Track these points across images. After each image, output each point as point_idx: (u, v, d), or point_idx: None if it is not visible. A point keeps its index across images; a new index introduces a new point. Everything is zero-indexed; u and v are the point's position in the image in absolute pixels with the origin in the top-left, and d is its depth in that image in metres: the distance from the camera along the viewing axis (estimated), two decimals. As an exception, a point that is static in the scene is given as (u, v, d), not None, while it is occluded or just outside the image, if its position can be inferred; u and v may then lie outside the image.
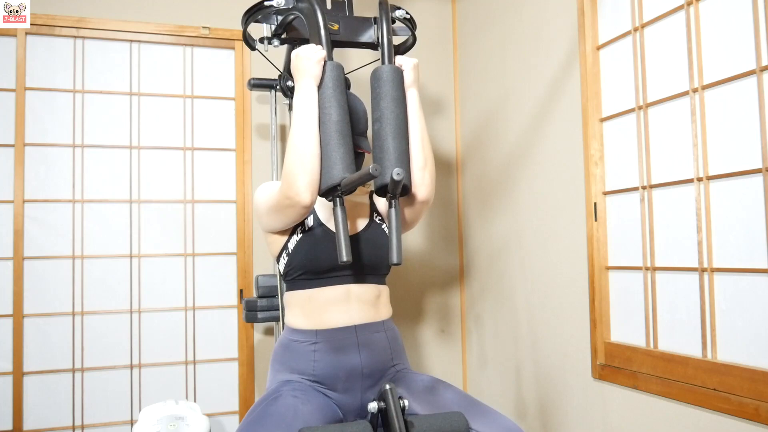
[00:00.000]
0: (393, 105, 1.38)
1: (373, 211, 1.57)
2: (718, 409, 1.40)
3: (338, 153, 1.28)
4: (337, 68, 1.36)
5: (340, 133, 1.30)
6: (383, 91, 1.39)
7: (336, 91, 1.33)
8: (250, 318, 2.22)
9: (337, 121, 1.30)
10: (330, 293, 1.45)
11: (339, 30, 1.66)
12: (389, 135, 1.35)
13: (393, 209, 1.31)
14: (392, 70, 1.41)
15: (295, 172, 1.29)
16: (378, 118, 1.38)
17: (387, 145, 1.34)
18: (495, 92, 2.45)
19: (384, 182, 1.31)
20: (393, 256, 1.27)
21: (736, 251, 1.39)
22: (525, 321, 2.23)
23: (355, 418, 1.46)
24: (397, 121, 1.37)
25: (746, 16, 1.36)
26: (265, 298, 2.21)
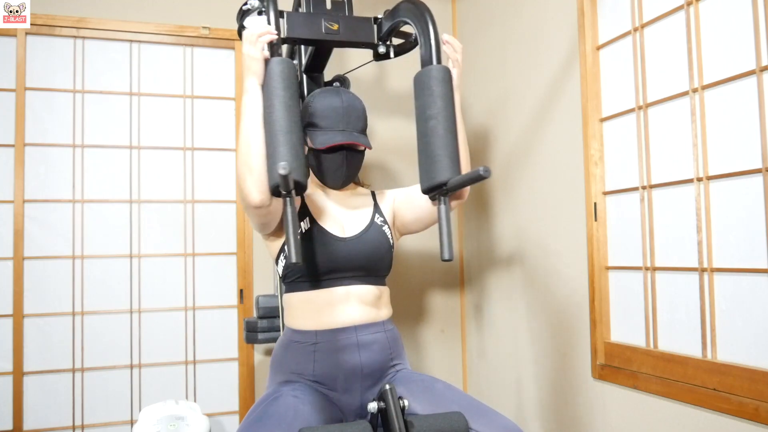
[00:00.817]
0: (448, 104, 1.37)
1: (375, 212, 1.57)
2: (718, 409, 1.40)
3: (280, 152, 1.24)
4: (281, 63, 1.31)
5: (284, 132, 1.26)
6: (438, 90, 1.36)
7: (279, 88, 1.28)
8: (251, 339, 2.19)
9: (279, 119, 1.26)
10: (330, 294, 1.45)
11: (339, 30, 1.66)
12: (443, 134, 1.34)
13: (443, 206, 1.31)
14: (445, 70, 1.40)
15: (242, 174, 1.30)
16: (433, 116, 1.35)
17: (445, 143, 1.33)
18: (495, 92, 2.45)
19: (437, 182, 1.31)
20: (445, 252, 1.27)
21: (736, 251, 1.39)
22: (525, 321, 2.23)
23: (355, 418, 1.46)
24: (450, 121, 1.36)
25: (746, 16, 1.36)
26: (266, 319, 2.17)
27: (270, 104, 1.28)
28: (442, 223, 1.30)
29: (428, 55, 1.42)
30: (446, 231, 1.29)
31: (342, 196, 1.59)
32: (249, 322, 2.21)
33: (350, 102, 1.50)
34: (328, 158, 1.49)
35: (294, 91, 1.31)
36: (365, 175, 2.59)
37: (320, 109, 1.48)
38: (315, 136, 1.48)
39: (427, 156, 1.35)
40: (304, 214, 1.48)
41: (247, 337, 2.21)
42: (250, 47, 1.31)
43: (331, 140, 1.45)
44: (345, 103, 1.49)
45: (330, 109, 1.48)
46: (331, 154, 1.49)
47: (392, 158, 2.71)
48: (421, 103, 1.39)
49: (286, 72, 1.31)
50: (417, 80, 1.41)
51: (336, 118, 1.47)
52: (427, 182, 1.35)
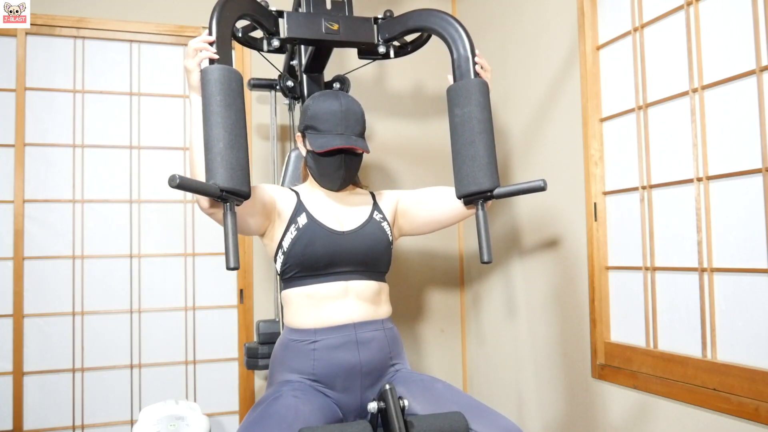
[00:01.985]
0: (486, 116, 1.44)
1: (374, 209, 1.58)
2: (718, 409, 1.40)
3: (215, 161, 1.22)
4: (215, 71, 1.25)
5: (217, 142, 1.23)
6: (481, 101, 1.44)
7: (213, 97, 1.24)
8: (251, 365, 2.17)
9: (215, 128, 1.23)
10: (328, 289, 1.46)
11: (339, 30, 1.66)
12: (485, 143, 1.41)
13: (481, 211, 1.41)
14: (485, 84, 1.48)
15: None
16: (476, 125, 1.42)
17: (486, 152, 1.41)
18: (495, 92, 2.44)
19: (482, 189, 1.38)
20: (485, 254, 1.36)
21: (736, 251, 1.39)
22: (525, 321, 2.23)
23: (355, 418, 1.47)
24: (491, 132, 1.43)
25: (746, 16, 1.36)
26: (266, 345, 2.15)
27: (205, 114, 1.25)
28: (481, 228, 1.38)
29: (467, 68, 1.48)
30: (485, 235, 1.37)
31: (340, 195, 1.59)
32: (250, 348, 2.19)
33: (349, 105, 1.50)
34: (326, 161, 1.50)
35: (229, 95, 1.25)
36: (364, 175, 2.59)
37: (319, 113, 1.49)
38: (314, 139, 1.48)
39: (471, 162, 1.40)
40: (301, 211, 1.49)
41: (248, 363, 2.19)
42: (188, 60, 1.30)
43: (329, 144, 1.45)
44: (344, 106, 1.49)
45: (329, 113, 1.48)
46: (330, 158, 1.49)
47: (392, 158, 2.71)
48: (466, 111, 1.43)
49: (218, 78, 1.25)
50: (459, 90, 1.46)
51: (335, 121, 1.48)
52: (471, 187, 1.40)
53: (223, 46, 1.32)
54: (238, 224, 1.31)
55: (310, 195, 1.55)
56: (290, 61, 2.13)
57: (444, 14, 1.58)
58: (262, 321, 2.22)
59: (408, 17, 1.67)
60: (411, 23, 1.67)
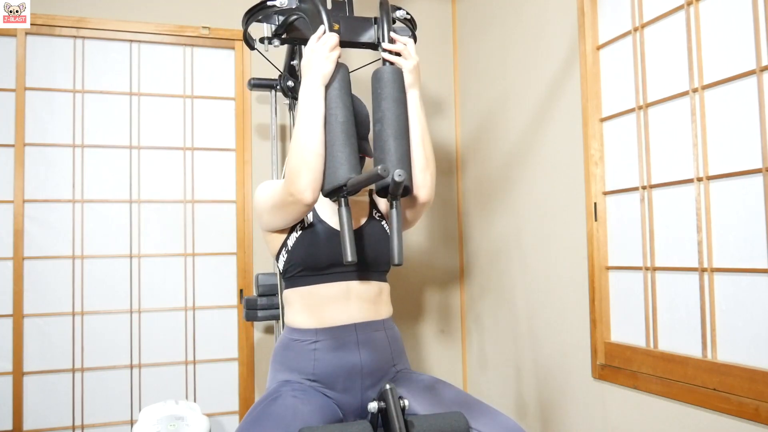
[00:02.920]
0: (394, 106, 1.37)
1: (373, 208, 1.58)
2: (718, 409, 1.40)
3: (343, 153, 1.27)
4: (345, 69, 1.36)
5: (345, 134, 1.29)
6: (384, 92, 1.39)
7: (342, 92, 1.33)
8: (250, 316, 2.22)
9: (342, 122, 1.30)
10: (330, 290, 1.46)
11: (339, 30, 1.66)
12: (390, 136, 1.35)
13: (394, 210, 1.31)
14: (393, 70, 1.41)
15: (298, 170, 1.28)
16: (379, 119, 1.38)
17: (388, 146, 1.34)
18: (495, 92, 2.45)
19: (385, 183, 1.31)
20: (395, 256, 1.27)
21: (736, 251, 1.39)
22: (525, 321, 2.23)
23: (355, 418, 1.46)
24: (398, 122, 1.37)
25: (746, 16, 1.36)
26: (265, 297, 2.20)
27: (335, 106, 1.31)
28: (393, 227, 1.29)
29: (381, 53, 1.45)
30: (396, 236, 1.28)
31: None
32: (249, 300, 2.23)
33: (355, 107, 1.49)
34: None
35: (351, 96, 1.35)
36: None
37: None
38: None
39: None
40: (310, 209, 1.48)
41: (247, 315, 2.23)
42: (327, 51, 1.32)
43: None
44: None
45: None
46: None
47: (392, 158, 2.71)
48: (373, 107, 1.41)
49: (348, 78, 1.35)
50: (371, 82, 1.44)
51: None
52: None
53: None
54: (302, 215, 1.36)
55: None
56: (290, 61, 2.13)
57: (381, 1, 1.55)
58: (261, 273, 2.24)
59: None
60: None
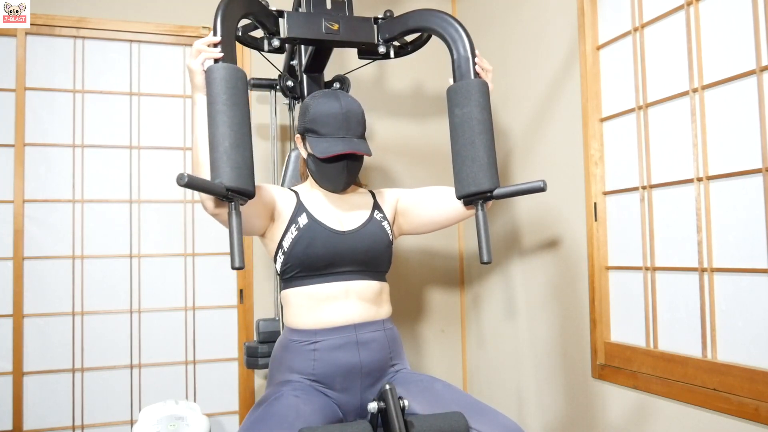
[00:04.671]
0: (486, 116, 1.44)
1: (375, 209, 1.58)
2: (718, 409, 1.40)
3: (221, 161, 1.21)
4: (220, 70, 1.26)
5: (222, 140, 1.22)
6: (481, 102, 1.44)
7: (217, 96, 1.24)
8: (251, 364, 2.17)
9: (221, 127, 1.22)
10: (328, 290, 1.46)
11: (339, 30, 1.66)
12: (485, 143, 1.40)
13: (481, 212, 1.39)
14: (486, 84, 1.48)
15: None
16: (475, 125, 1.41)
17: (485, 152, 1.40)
18: (495, 92, 2.44)
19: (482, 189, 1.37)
20: (484, 255, 1.35)
21: (736, 251, 1.39)
22: (525, 321, 2.23)
23: (355, 418, 1.47)
24: (491, 132, 1.43)
25: (746, 16, 1.36)
26: (266, 344, 2.15)
27: (209, 113, 1.24)
28: (480, 228, 1.37)
29: (467, 69, 1.48)
30: (484, 235, 1.36)
31: (340, 194, 1.59)
32: (249, 347, 2.18)
33: (349, 106, 1.49)
34: (328, 166, 1.49)
35: (235, 94, 1.25)
36: (364, 175, 2.59)
37: (319, 116, 1.47)
38: (315, 144, 1.47)
39: (470, 163, 1.39)
40: (301, 211, 1.48)
41: (248, 362, 2.19)
42: (191, 60, 1.31)
43: (332, 150, 1.44)
44: (344, 108, 1.48)
45: (329, 116, 1.46)
46: (332, 163, 1.49)
47: (392, 158, 2.71)
48: (465, 111, 1.43)
49: (224, 77, 1.25)
50: (458, 90, 1.45)
51: (336, 124, 1.47)
52: (471, 187, 1.39)
53: (228, 45, 1.33)
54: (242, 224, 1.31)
55: (309, 195, 1.55)
56: (290, 61, 2.13)
57: (444, 14, 1.57)
58: (261, 320, 2.22)
59: (408, 17, 1.67)
60: (411, 23, 1.66)
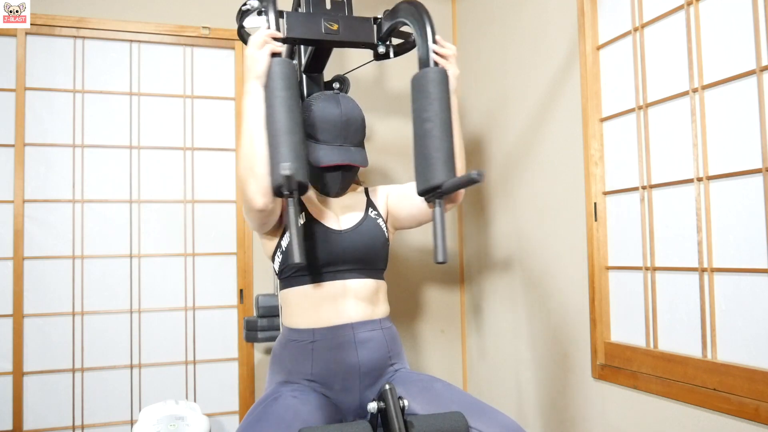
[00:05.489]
0: (445, 107, 1.36)
1: (369, 206, 1.58)
2: (718, 409, 1.40)
3: (282, 153, 1.24)
4: (282, 64, 1.32)
5: (286, 132, 1.26)
6: (435, 93, 1.36)
7: (280, 89, 1.28)
8: (250, 338, 2.20)
9: (281, 120, 1.26)
10: (326, 289, 1.46)
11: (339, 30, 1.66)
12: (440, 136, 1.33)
13: (438, 209, 1.31)
14: (443, 72, 1.39)
15: (244, 178, 1.30)
16: (429, 119, 1.35)
17: (439, 146, 1.32)
18: (495, 92, 2.45)
19: (432, 185, 1.31)
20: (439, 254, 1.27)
21: (736, 251, 1.39)
22: (525, 321, 2.23)
23: (354, 418, 1.46)
24: (447, 123, 1.35)
25: (746, 16, 1.36)
26: (266, 318, 2.18)
27: (271, 105, 1.28)
28: (437, 226, 1.29)
29: (425, 57, 1.42)
30: (441, 233, 1.28)
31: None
32: (249, 321, 2.22)
33: (349, 113, 1.48)
34: (324, 174, 1.50)
35: (295, 91, 1.31)
36: (364, 175, 2.59)
37: (318, 121, 1.46)
38: (312, 150, 1.47)
39: (423, 158, 1.34)
40: (300, 210, 1.48)
41: (247, 336, 2.22)
42: (256, 50, 1.31)
43: (328, 159, 1.44)
44: (344, 114, 1.47)
45: (328, 122, 1.46)
46: (328, 171, 1.49)
47: (391, 158, 2.71)
48: (417, 105, 1.38)
49: (287, 73, 1.31)
50: (414, 82, 1.41)
51: (334, 132, 1.46)
52: (422, 184, 1.34)
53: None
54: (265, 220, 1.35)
55: (307, 194, 1.54)
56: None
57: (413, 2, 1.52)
58: (261, 295, 2.24)
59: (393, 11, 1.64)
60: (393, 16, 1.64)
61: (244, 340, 2.24)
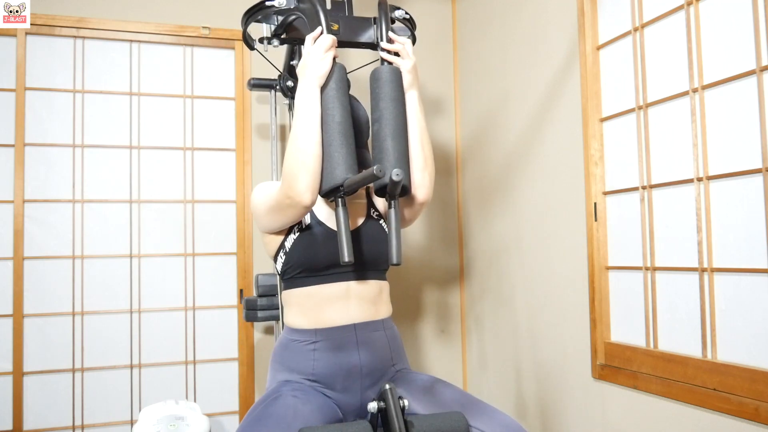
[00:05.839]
0: (392, 105, 1.38)
1: (370, 207, 1.58)
2: (718, 409, 1.40)
3: (340, 154, 1.28)
4: (341, 69, 1.36)
5: (342, 134, 1.29)
6: (382, 92, 1.39)
7: (339, 92, 1.32)
8: (250, 317, 2.23)
9: (339, 122, 1.30)
10: (329, 290, 1.45)
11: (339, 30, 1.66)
12: (388, 135, 1.35)
13: (392, 209, 1.31)
14: (391, 70, 1.41)
15: (296, 173, 1.28)
16: (377, 119, 1.38)
17: (386, 146, 1.35)
18: (495, 92, 2.45)
19: (383, 183, 1.31)
20: (393, 256, 1.28)
21: (736, 251, 1.39)
22: (525, 321, 2.23)
23: (355, 418, 1.46)
24: (396, 121, 1.37)
25: (746, 16, 1.36)
26: (265, 297, 2.21)
27: (332, 107, 1.30)
28: (390, 227, 1.30)
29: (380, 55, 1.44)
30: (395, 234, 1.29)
31: None
32: (249, 300, 2.24)
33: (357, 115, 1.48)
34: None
35: (348, 97, 1.35)
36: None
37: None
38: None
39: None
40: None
41: (247, 315, 2.23)
42: (322, 52, 1.32)
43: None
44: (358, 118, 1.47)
45: None
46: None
47: (392, 158, 2.71)
48: (371, 107, 1.41)
49: (345, 78, 1.35)
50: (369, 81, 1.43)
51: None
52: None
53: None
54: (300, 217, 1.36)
55: None
56: (290, 61, 2.13)
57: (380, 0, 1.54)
58: (261, 274, 2.25)
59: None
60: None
61: (244, 319, 2.26)
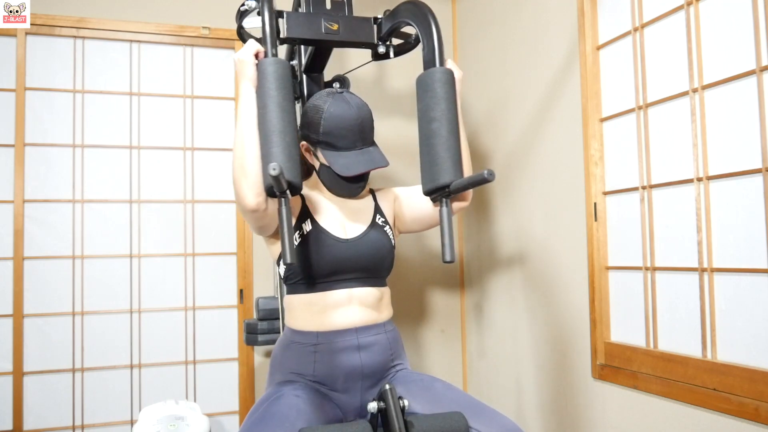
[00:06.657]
0: (452, 107, 1.37)
1: (377, 213, 1.57)
2: (718, 409, 1.40)
3: (273, 152, 1.23)
4: (275, 64, 1.30)
5: (276, 132, 1.25)
6: (442, 92, 1.37)
7: (272, 90, 1.27)
8: (251, 341, 2.20)
9: (272, 120, 1.25)
10: (331, 297, 1.45)
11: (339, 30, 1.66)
12: (449, 136, 1.34)
13: (445, 208, 1.32)
14: (448, 72, 1.40)
15: (237, 178, 1.30)
16: (437, 118, 1.36)
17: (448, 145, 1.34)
18: (495, 92, 2.45)
19: (439, 185, 1.32)
20: (447, 254, 1.28)
21: (736, 251, 1.39)
22: (525, 321, 2.23)
23: (355, 418, 1.47)
24: (455, 122, 1.37)
25: (746, 16, 1.36)
26: (266, 321, 2.17)
27: (263, 105, 1.27)
28: (444, 226, 1.30)
29: (431, 57, 1.42)
30: (448, 233, 1.29)
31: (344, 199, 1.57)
32: (249, 324, 2.22)
33: (362, 114, 1.45)
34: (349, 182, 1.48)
35: (288, 91, 1.29)
36: (365, 175, 2.59)
37: (335, 128, 1.43)
38: (334, 159, 1.44)
39: (430, 158, 1.35)
40: (306, 216, 1.47)
41: (247, 339, 2.21)
42: (240, 53, 1.33)
43: (355, 169, 1.42)
44: (359, 117, 1.44)
45: (345, 129, 1.43)
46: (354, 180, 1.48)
47: (392, 158, 2.68)
48: (424, 104, 1.38)
49: (279, 72, 1.29)
50: (420, 82, 1.41)
51: (352, 137, 1.44)
52: (429, 184, 1.35)
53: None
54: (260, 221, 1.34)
55: (313, 199, 1.52)
56: (290, 61, 2.13)
57: (417, 3, 1.54)
58: (261, 297, 2.24)
59: (394, 12, 1.66)
60: (395, 17, 1.65)
61: (245, 342, 2.24)
